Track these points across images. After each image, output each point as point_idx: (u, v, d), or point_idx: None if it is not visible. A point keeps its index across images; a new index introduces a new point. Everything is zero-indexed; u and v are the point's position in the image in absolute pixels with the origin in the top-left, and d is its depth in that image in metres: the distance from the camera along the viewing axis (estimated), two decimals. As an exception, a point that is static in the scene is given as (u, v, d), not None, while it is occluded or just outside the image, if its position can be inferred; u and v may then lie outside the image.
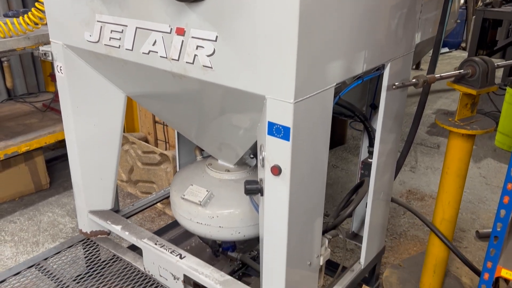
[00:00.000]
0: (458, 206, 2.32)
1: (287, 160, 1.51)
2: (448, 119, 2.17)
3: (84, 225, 2.52)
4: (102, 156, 2.39)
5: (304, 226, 1.72)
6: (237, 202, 2.17)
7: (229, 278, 2.01)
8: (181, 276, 2.09)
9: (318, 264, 1.93)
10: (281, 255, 1.67)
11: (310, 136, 1.58)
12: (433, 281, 2.52)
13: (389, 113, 2.09)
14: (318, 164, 1.68)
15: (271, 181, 1.58)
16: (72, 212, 3.60)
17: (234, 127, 1.91)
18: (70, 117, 2.27)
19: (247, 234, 2.21)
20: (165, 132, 3.64)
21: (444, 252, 2.43)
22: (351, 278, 2.28)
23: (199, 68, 1.60)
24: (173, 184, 2.37)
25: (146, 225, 3.42)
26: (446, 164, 2.26)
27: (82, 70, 2.16)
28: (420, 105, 2.25)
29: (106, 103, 2.26)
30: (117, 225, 2.37)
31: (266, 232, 1.69)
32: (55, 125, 3.79)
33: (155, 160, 3.44)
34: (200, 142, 2.33)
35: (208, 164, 2.34)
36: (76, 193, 2.49)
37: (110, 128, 2.33)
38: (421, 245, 3.21)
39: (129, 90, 2.20)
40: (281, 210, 1.59)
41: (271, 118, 1.50)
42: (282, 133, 1.49)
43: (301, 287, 1.85)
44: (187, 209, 2.20)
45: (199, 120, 2.06)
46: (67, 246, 2.50)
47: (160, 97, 2.09)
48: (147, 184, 3.64)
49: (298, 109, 1.45)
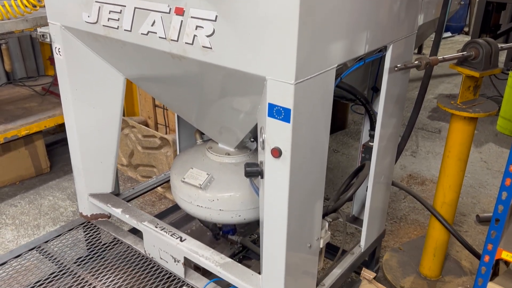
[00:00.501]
0: (459, 190, 2.31)
1: (288, 142, 1.49)
2: (450, 102, 2.15)
3: (85, 208, 2.52)
4: (102, 139, 2.38)
5: (304, 208, 1.72)
6: (238, 185, 2.16)
7: (229, 261, 2.02)
8: (181, 258, 2.10)
9: (318, 247, 1.93)
10: (281, 238, 1.67)
11: (311, 118, 1.56)
12: (433, 264, 2.53)
13: (391, 96, 2.07)
14: (318, 147, 1.67)
15: (271, 164, 1.57)
16: (72, 195, 3.61)
17: (234, 109, 1.89)
18: (69, 100, 2.26)
19: (247, 217, 2.21)
20: (165, 116, 3.62)
21: (444, 235, 2.43)
22: (351, 261, 2.28)
23: (199, 49, 1.58)
24: (173, 168, 2.36)
25: (147, 209, 3.43)
26: (448, 147, 2.24)
27: (80, 52, 2.13)
28: (422, 88, 2.23)
29: (105, 86, 2.24)
30: (117, 208, 2.37)
31: (266, 214, 1.68)
32: (55, 108, 3.77)
33: (155, 144, 3.43)
34: (200, 125, 2.31)
35: (208, 148, 2.33)
36: (76, 177, 2.48)
37: (110, 110, 2.31)
38: (421, 229, 3.21)
39: (129, 73, 2.18)
40: (281, 193, 1.59)
41: (271, 99, 1.48)
42: (282, 115, 1.47)
43: (301, 270, 1.86)
44: (188, 192, 2.19)
45: (199, 103, 2.04)
46: (67, 229, 2.50)
47: (159, 80, 2.07)
48: (148, 168, 3.64)
49: (298, 91, 1.43)
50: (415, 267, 2.67)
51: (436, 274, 2.58)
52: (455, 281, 2.56)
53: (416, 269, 2.66)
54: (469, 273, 2.63)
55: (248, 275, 1.94)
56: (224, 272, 1.95)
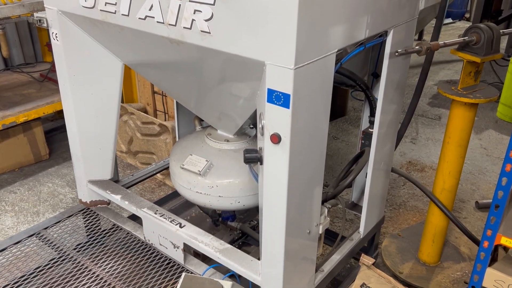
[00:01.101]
0: (458, 176, 2.31)
1: (287, 128, 1.48)
2: (451, 88, 2.13)
3: (84, 194, 2.52)
4: (100, 126, 2.36)
5: (303, 194, 1.72)
6: (237, 172, 2.16)
7: (229, 247, 2.02)
8: (181, 244, 2.10)
9: (318, 233, 1.93)
10: (281, 224, 1.67)
11: (311, 104, 1.55)
12: (432, 251, 2.54)
13: (391, 82, 2.05)
14: (318, 133, 1.66)
15: (271, 150, 1.56)
16: (72, 182, 3.61)
17: (233, 95, 1.88)
18: (67, 86, 2.24)
19: (246, 204, 2.20)
20: (164, 103, 3.61)
21: (443, 221, 2.44)
22: (350, 247, 2.29)
23: (197, 33, 1.56)
24: (173, 154, 2.35)
25: (146, 196, 3.43)
26: (448, 133, 2.23)
27: (78, 37, 2.11)
28: (422, 73, 2.21)
29: (104, 72, 2.22)
30: (116, 195, 2.37)
31: (266, 200, 1.68)
32: (53, 95, 3.75)
33: (155, 131, 3.41)
34: (199, 111, 2.30)
35: (208, 134, 2.32)
36: (75, 163, 2.48)
37: (108, 96, 2.30)
38: (420, 215, 3.22)
39: (127, 58, 2.16)
40: (281, 179, 1.58)
41: (270, 85, 1.46)
42: (282, 101, 1.46)
43: (301, 256, 1.86)
44: (187, 179, 2.19)
45: (198, 89, 2.03)
46: (67, 215, 2.50)
47: (158, 65, 2.05)
48: (147, 155, 3.63)
49: (298, 76, 1.42)
50: (414, 253, 2.68)
51: (435, 260, 2.59)
52: (453, 267, 2.57)
53: (415, 255, 2.67)
54: (467, 259, 2.64)
55: (248, 261, 1.95)
56: (223, 258, 1.96)
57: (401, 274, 2.54)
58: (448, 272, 2.54)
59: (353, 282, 2.31)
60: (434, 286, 2.44)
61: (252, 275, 1.88)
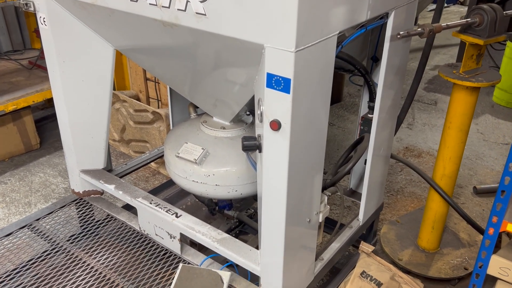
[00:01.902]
0: (459, 162, 2.27)
1: (287, 114, 1.43)
2: (453, 72, 2.08)
3: (77, 185, 2.46)
4: (92, 113, 2.29)
5: (304, 182, 1.67)
6: (234, 160, 2.10)
7: (227, 236, 1.97)
8: (177, 235, 2.05)
9: (317, 221, 1.89)
10: (281, 212, 1.62)
11: (311, 89, 1.49)
12: (432, 237, 2.51)
13: (392, 66, 2.00)
14: (318, 119, 1.60)
15: (270, 137, 1.50)
16: (64, 172, 3.54)
17: (230, 81, 1.81)
18: (57, 73, 2.16)
19: (244, 192, 2.16)
20: (157, 90, 3.53)
21: (443, 207, 2.41)
22: (350, 234, 2.25)
23: (192, 15, 1.49)
24: (167, 142, 2.29)
25: (141, 185, 3.37)
26: (448, 118, 2.19)
27: (67, 22, 2.03)
28: (423, 57, 2.16)
29: (94, 57, 2.15)
30: (110, 184, 2.31)
31: (265, 189, 1.63)
32: (43, 83, 3.66)
33: (148, 118, 3.34)
34: (194, 98, 2.23)
35: (203, 122, 2.26)
36: (67, 153, 2.41)
37: (99, 83, 2.23)
38: (418, 201, 3.19)
39: (118, 43, 2.08)
40: (281, 167, 1.53)
41: (270, 69, 1.40)
42: (282, 85, 1.40)
43: (300, 244, 1.82)
44: (182, 168, 2.13)
45: (193, 75, 1.96)
46: (59, 206, 2.44)
47: (150, 50, 1.97)
48: (140, 143, 3.56)
49: (299, 59, 1.35)
50: (413, 240, 2.65)
51: (434, 246, 2.57)
52: (453, 253, 2.55)
53: (414, 242, 2.64)
54: (467, 245, 2.61)
55: (246, 250, 1.90)
56: (221, 248, 1.91)
57: (401, 261, 2.52)
58: (447, 258, 2.52)
59: (352, 270, 2.28)
60: (434, 273, 2.42)
61: (251, 265, 1.84)
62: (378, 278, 2.15)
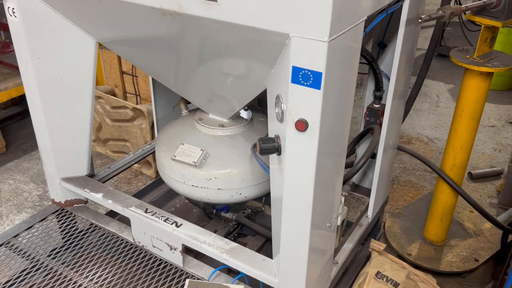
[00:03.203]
0: (470, 151, 2.17)
1: (317, 112, 1.26)
2: (466, 57, 1.96)
3: (57, 194, 2.22)
4: (72, 115, 2.06)
5: (327, 184, 1.51)
6: (236, 161, 1.93)
7: (235, 245, 1.80)
8: (179, 246, 1.86)
9: (336, 225, 1.75)
10: (305, 219, 1.45)
11: (339, 83, 1.33)
12: (440, 229, 2.42)
13: (405, 52, 1.85)
14: (344, 115, 1.45)
15: (295, 138, 1.33)
16: (36, 177, 3.24)
17: (236, 76, 1.62)
18: (30, 70, 1.90)
19: (249, 195, 1.99)
20: (134, 84, 3.27)
21: (452, 199, 2.31)
22: (361, 233, 2.12)
23: (199, 2, 1.28)
24: (159, 144, 2.08)
25: (123, 188, 3.13)
26: (460, 106, 2.08)
27: (40, 13, 1.78)
28: (432, 41, 2.03)
29: (73, 52, 1.91)
30: (97, 193, 2.09)
31: (287, 194, 1.45)
32: (7, 80, 3.32)
33: (127, 116, 3.09)
34: (188, 94, 2.02)
35: (198, 119, 2.06)
36: (45, 159, 2.16)
37: (80, 81, 1.99)
38: (415, 190, 3.10)
39: (102, 35, 1.85)
40: (307, 170, 1.36)
41: (296, 62, 1.22)
42: (311, 80, 1.22)
43: (321, 251, 1.67)
44: (180, 172, 1.93)
45: (191, 69, 1.75)
46: (39, 219, 2.20)
47: (141, 42, 1.75)
48: (119, 142, 3.30)
49: (331, 50, 1.18)
50: (419, 233, 2.56)
51: (442, 238, 2.48)
52: (461, 245, 2.47)
53: (420, 235, 2.54)
54: (473, 235, 2.54)
55: (259, 260, 1.74)
56: (231, 259, 1.74)
57: (410, 256, 2.41)
58: (456, 250, 2.44)
59: (363, 269, 2.16)
60: (446, 267, 2.33)
61: (267, 277, 1.67)
62: (394, 278, 2.04)
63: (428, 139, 3.70)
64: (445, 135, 3.72)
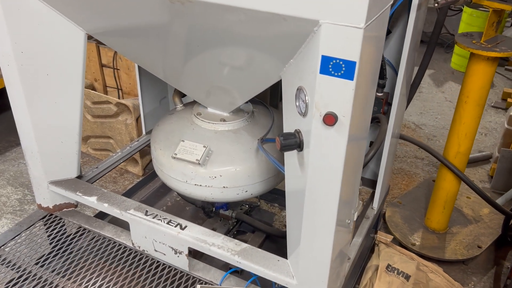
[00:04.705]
0: (474, 137, 2.14)
1: (348, 105, 1.17)
2: (472, 41, 1.91)
3: (44, 199, 2.06)
4: (60, 114, 1.90)
5: (351, 180, 1.43)
6: (241, 157, 1.83)
7: (247, 246, 1.71)
8: (185, 249, 1.76)
9: (353, 220, 1.67)
10: (330, 218, 1.37)
11: (368, 72, 1.24)
12: (442, 217, 2.40)
13: (414, 38, 1.79)
14: (369, 107, 1.36)
15: (322, 133, 1.24)
16: (13, 180, 3.04)
17: (245, 67, 1.51)
18: (13, 66, 1.74)
19: (254, 192, 1.90)
20: (116, 77, 3.10)
21: (455, 187, 2.29)
22: (368, 225, 2.06)
23: (215, -13, 1.17)
24: (156, 142, 1.96)
25: (109, 187, 2.98)
26: (465, 92, 2.04)
27: (23, 2, 1.61)
28: (437, 26, 1.97)
29: (60, 45, 1.76)
30: (90, 196, 1.95)
31: (311, 190, 1.36)
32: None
33: (111, 111, 2.92)
34: (185, 85, 1.90)
35: (197, 114, 1.94)
36: (30, 162, 2.00)
37: (69, 77, 1.84)
38: (409, 178, 3.08)
39: (93, 26, 1.70)
40: (335, 167, 1.27)
41: (327, 51, 1.13)
42: (343, 71, 1.13)
43: (340, 249, 1.59)
44: (182, 171, 1.82)
45: (192, 59, 1.63)
46: (26, 226, 2.04)
47: (139, 32, 1.61)
48: (102, 139, 3.13)
49: (366, 37, 1.09)
50: (420, 221, 2.53)
51: (444, 226, 2.46)
52: (463, 232, 2.46)
53: (421, 223, 2.52)
54: (473, 221, 2.53)
55: (274, 261, 1.65)
56: (244, 261, 1.64)
57: (414, 246, 2.38)
58: (459, 237, 2.42)
59: (369, 262, 2.12)
60: (451, 255, 2.31)
61: (284, 278, 1.59)
62: (405, 270, 2.00)
63: (415, 125, 3.69)
64: (431, 121, 3.72)
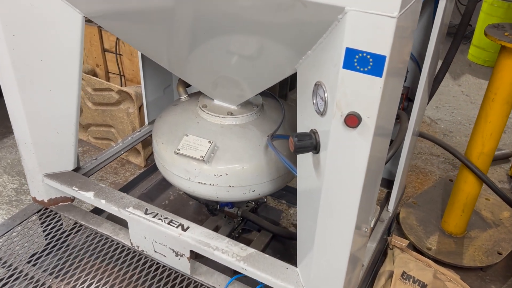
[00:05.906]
0: (499, 138, 1.99)
1: (374, 105, 1.03)
2: (504, 34, 1.75)
3: (39, 192, 1.95)
4: (56, 102, 1.78)
5: (372, 184, 1.30)
6: (249, 154, 1.69)
7: (253, 251, 1.58)
8: (186, 252, 1.64)
9: (369, 226, 1.54)
10: (348, 225, 1.24)
11: (398, 68, 1.10)
12: (460, 221, 2.26)
13: (442, 28, 1.64)
14: (395, 107, 1.22)
15: (342, 135, 1.10)
16: (9, 168, 2.92)
17: (257, 58, 1.37)
18: (4, 51, 1.60)
19: (262, 192, 1.77)
20: (118, 63, 2.96)
21: (477, 189, 2.14)
22: (383, 229, 1.94)
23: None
24: (158, 135, 1.82)
25: (110, 179, 2.86)
26: (493, 89, 1.88)
27: (15, -20, 1.48)
28: (465, 16, 1.81)
29: (56, 29, 1.62)
30: (87, 192, 1.83)
31: (328, 195, 1.22)
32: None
33: (112, 99, 2.78)
34: (190, 76, 1.76)
35: (202, 106, 1.80)
36: (24, 153, 1.88)
37: (64, 63, 1.71)
38: (424, 176, 2.94)
39: (91, 9, 1.56)
40: (356, 171, 1.14)
41: (353, 43, 0.98)
42: (370, 66, 0.99)
43: (356, 256, 1.46)
44: (185, 167, 1.69)
45: (198, 47, 1.49)
46: (19, 221, 1.93)
47: (142, 15, 1.47)
48: (103, 128, 3.00)
49: (398, 27, 0.95)
50: (436, 224, 2.39)
51: (462, 230, 2.32)
52: (482, 236, 2.32)
53: (438, 226, 2.38)
54: (493, 225, 2.39)
55: (282, 269, 1.53)
56: (250, 268, 1.52)
57: (430, 250, 2.25)
58: (477, 243, 2.29)
59: (382, 268, 1.99)
60: (469, 262, 2.18)
61: (293, 289, 1.46)
62: (421, 279, 1.87)
63: (430, 120, 3.53)
64: (448, 116, 3.56)
